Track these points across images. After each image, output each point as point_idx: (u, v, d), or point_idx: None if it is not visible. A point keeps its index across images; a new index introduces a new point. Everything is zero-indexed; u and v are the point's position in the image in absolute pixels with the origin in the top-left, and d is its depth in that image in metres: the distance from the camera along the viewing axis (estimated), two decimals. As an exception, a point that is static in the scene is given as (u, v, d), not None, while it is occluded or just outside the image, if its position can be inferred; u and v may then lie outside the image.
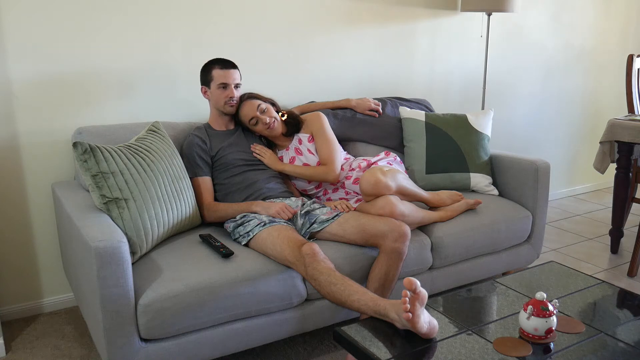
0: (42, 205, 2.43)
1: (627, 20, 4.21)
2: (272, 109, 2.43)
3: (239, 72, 2.35)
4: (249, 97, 2.41)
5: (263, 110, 2.38)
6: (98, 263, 1.67)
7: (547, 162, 2.64)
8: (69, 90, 2.38)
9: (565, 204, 4.12)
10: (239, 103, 2.39)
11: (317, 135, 2.47)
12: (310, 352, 2.22)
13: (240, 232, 2.14)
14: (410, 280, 1.48)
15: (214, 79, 2.30)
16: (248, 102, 2.39)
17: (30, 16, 2.24)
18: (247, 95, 2.41)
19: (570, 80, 4.05)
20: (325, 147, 2.43)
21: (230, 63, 2.33)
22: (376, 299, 1.69)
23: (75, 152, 1.88)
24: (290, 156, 2.48)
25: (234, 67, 2.33)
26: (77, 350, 2.22)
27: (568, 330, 1.57)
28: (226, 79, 2.30)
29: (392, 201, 2.18)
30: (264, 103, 2.40)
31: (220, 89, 2.31)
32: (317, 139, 2.47)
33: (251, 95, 2.42)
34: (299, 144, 2.48)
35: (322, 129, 2.47)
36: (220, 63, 2.32)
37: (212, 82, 2.31)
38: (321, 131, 2.47)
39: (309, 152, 2.46)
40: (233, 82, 2.32)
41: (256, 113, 2.37)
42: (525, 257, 2.67)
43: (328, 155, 2.42)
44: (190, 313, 1.81)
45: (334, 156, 2.42)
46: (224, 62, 2.33)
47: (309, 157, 2.46)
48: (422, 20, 3.23)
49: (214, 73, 2.30)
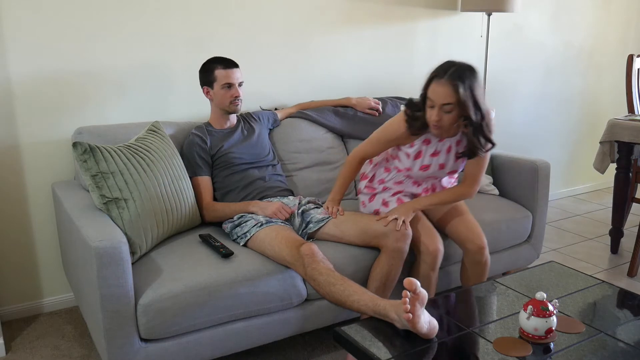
0: (42, 205, 2.43)
1: (627, 20, 4.21)
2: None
3: (240, 70, 2.34)
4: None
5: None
6: (98, 263, 1.67)
7: (547, 162, 2.64)
8: (69, 90, 2.38)
9: (565, 204, 4.12)
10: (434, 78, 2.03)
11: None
12: (310, 352, 2.22)
13: (238, 232, 2.14)
14: (411, 281, 1.47)
15: (217, 79, 2.29)
16: (448, 85, 1.96)
17: (31, 16, 2.24)
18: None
19: (570, 80, 4.05)
20: (476, 163, 2.16)
21: (232, 62, 2.32)
22: (376, 299, 1.69)
23: (75, 152, 1.88)
24: (418, 150, 2.18)
25: (236, 65, 2.32)
26: (77, 350, 2.22)
27: (568, 330, 1.57)
28: (230, 79, 2.29)
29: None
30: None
31: (225, 89, 2.30)
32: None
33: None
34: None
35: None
36: (223, 63, 2.30)
37: (216, 83, 2.29)
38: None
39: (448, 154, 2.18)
40: (237, 82, 2.30)
41: (452, 100, 1.96)
42: (525, 257, 2.67)
43: (476, 175, 2.18)
44: (190, 313, 1.81)
45: (480, 177, 2.20)
46: (226, 61, 2.31)
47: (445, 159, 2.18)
48: (422, 20, 3.23)
49: (217, 73, 2.29)
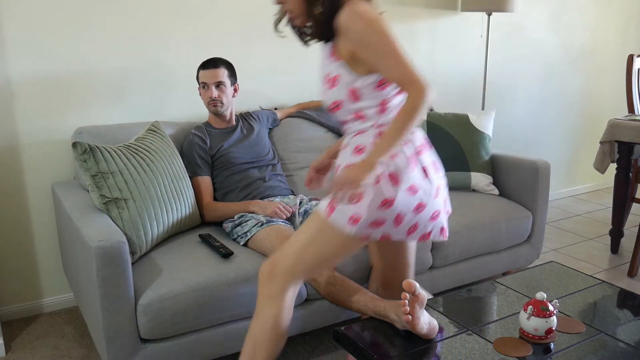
0: (42, 205, 2.43)
1: (627, 20, 4.21)
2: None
3: (223, 70, 2.30)
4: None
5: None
6: (98, 263, 1.67)
7: (547, 162, 2.64)
8: (69, 90, 2.38)
9: (565, 204, 4.12)
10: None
11: (361, 47, 1.44)
12: (310, 352, 2.22)
13: (238, 232, 2.14)
14: (409, 283, 1.47)
15: (198, 79, 2.33)
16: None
17: (31, 16, 2.24)
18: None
19: (571, 80, 4.05)
20: (384, 61, 1.41)
21: (212, 62, 2.30)
22: (375, 300, 1.69)
23: (75, 152, 1.88)
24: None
25: (215, 66, 2.29)
26: (77, 350, 2.22)
27: (568, 330, 1.57)
28: (206, 78, 2.29)
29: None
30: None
31: (204, 90, 2.32)
32: (361, 52, 1.44)
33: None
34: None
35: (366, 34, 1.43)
36: (204, 63, 2.32)
37: (199, 83, 2.34)
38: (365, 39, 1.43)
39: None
40: (213, 82, 2.28)
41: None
42: (526, 257, 2.67)
43: (388, 66, 1.41)
44: (190, 313, 1.81)
45: (398, 65, 1.39)
46: (206, 61, 2.32)
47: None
48: (422, 21, 3.23)
49: (199, 74, 2.33)
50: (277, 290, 1.54)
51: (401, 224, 1.48)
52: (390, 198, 1.45)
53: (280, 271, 1.54)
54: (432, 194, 1.51)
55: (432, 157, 1.57)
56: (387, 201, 1.45)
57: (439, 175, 1.56)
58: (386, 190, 1.45)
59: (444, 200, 1.57)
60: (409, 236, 1.52)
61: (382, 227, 1.48)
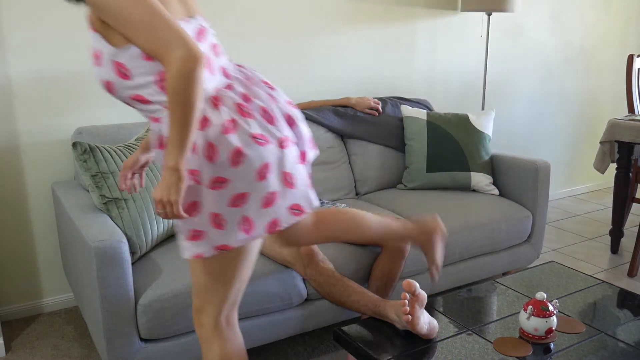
0: (42, 205, 2.43)
1: (627, 20, 4.21)
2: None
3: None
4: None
5: None
6: (98, 263, 1.67)
7: (547, 162, 2.64)
8: (69, 90, 2.38)
9: (565, 204, 4.12)
10: None
11: (100, 11, 1.16)
12: (310, 352, 2.22)
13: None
14: (409, 283, 1.47)
15: None
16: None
17: (31, 16, 2.24)
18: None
19: (570, 80, 4.05)
20: (128, 27, 1.15)
21: None
22: (375, 300, 1.69)
23: (75, 152, 1.88)
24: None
25: None
26: (77, 350, 2.22)
27: (568, 330, 1.57)
28: None
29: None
30: None
31: None
32: (103, 17, 1.17)
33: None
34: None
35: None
36: None
37: None
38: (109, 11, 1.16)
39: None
40: None
41: None
42: (526, 257, 2.67)
43: (149, 40, 1.15)
44: (190, 313, 1.81)
45: (154, 32, 1.14)
46: None
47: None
48: (422, 20, 3.23)
49: None
50: (210, 328, 1.44)
51: (272, 203, 1.31)
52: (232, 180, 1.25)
53: (205, 313, 1.44)
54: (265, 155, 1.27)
55: (254, 125, 1.28)
56: (239, 195, 1.26)
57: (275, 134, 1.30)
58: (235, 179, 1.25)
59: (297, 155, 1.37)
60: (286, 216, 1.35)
61: (262, 218, 1.31)
